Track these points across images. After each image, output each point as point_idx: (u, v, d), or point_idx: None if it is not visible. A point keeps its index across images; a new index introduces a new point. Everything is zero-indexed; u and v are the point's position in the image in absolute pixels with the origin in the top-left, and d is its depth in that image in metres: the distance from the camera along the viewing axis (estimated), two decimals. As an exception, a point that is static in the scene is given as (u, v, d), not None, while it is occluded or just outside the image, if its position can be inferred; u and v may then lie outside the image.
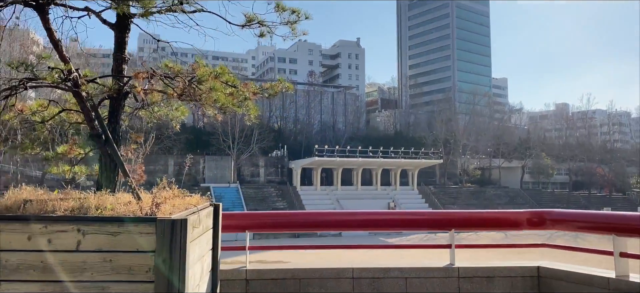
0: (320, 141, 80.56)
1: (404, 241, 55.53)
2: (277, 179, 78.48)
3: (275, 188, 73.72)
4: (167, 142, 69.28)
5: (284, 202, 71.00)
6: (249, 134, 73.02)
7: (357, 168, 77.60)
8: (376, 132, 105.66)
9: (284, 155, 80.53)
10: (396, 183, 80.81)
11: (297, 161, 76.83)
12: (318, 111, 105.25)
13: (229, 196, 68.54)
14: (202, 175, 74.32)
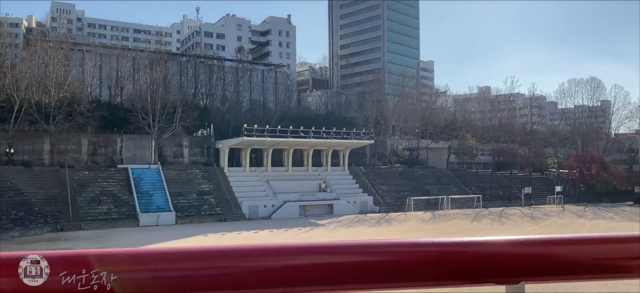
0: (249, 120, 77.18)
1: (335, 224, 54.26)
2: (203, 160, 74.26)
3: (200, 170, 69.67)
4: (79, 118, 63.08)
5: (211, 184, 67.24)
6: (171, 111, 68.09)
7: (288, 148, 75.11)
8: (307, 111, 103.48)
9: (211, 135, 76.38)
10: (327, 164, 79.22)
11: (225, 141, 73.08)
12: (247, 89, 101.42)
13: (149, 178, 63.76)
14: (119, 156, 68.71)
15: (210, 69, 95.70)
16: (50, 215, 52.90)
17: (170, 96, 74.99)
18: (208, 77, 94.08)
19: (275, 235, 46.20)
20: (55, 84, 64.32)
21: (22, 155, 61.69)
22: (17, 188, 53.64)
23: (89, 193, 58.80)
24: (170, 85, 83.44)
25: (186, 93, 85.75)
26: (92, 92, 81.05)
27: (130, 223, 55.94)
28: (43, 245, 40.97)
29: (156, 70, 74.79)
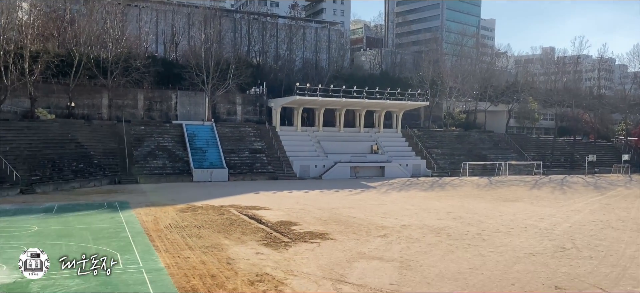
0: (302, 79, 76.12)
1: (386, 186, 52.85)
2: (255, 118, 74.33)
3: (253, 128, 69.74)
4: (135, 74, 64.13)
5: (263, 142, 67.24)
6: (224, 68, 68.04)
7: (340, 108, 73.78)
8: (361, 71, 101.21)
9: (263, 93, 76.10)
10: (380, 126, 77.47)
11: (277, 99, 72.60)
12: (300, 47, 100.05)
13: (203, 135, 64.41)
14: (174, 112, 69.72)
15: (263, 26, 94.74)
16: (108, 167, 54.46)
17: (224, 53, 74.88)
18: (261, 34, 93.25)
19: (326, 195, 45.52)
20: (113, 39, 65.40)
21: (82, 109, 63.59)
22: (78, 141, 55.39)
23: (145, 148, 60.09)
24: (224, 42, 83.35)
25: (240, 50, 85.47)
26: (147, 48, 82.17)
27: (184, 178, 56.87)
28: (101, 196, 42.11)
29: (210, 27, 74.62)
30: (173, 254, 22.14)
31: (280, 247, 23.93)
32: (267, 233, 27.37)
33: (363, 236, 26.99)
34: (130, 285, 17.51)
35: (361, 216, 33.73)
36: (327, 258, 22.02)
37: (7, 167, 44.10)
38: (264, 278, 18.76)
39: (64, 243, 23.94)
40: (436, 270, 20.29)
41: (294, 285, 17.99)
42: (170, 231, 27.43)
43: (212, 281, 18.24)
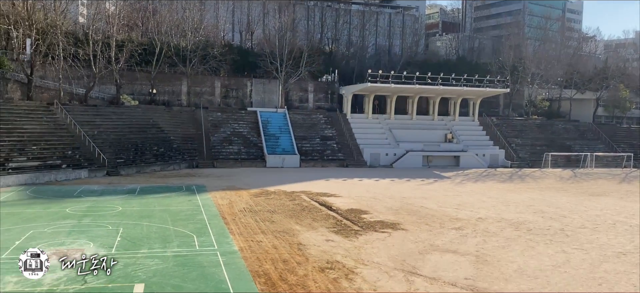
0: (374, 66, 75.21)
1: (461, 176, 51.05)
2: (327, 105, 74.46)
3: (324, 115, 69.90)
4: (212, 62, 66.23)
5: (333, 129, 67.25)
6: (297, 56, 68.64)
7: (413, 96, 72.18)
8: (436, 57, 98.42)
9: (335, 81, 76.01)
10: (455, 114, 75.02)
11: (349, 87, 72.23)
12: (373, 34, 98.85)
13: (276, 121, 65.42)
14: (249, 99, 71.34)
15: (337, 13, 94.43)
16: (187, 152, 56.69)
17: (298, 41, 75.50)
18: (334, 21, 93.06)
19: (397, 184, 44.74)
20: (192, 28, 67.76)
21: (163, 95, 66.55)
22: (159, 126, 58.06)
23: (221, 134, 61.98)
24: (298, 29, 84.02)
25: (312, 38, 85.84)
26: (224, 37, 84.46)
27: (258, 164, 58.12)
28: (180, 180, 43.88)
29: (284, 15, 75.42)
30: (246, 238, 22.54)
31: (351, 235, 23.71)
32: (337, 220, 27.24)
33: (436, 228, 26.18)
34: (205, 267, 17.98)
35: (434, 207, 32.79)
36: (399, 248, 21.52)
37: (95, 150, 47.05)
38: (334, 265, 18.62)
39: (145, 224, 25.08)
40: (515, 266, 19.23)
41: (365, 274, 17.69)
42: (244, 215, 28.01)
43: (284, 266, 18.34)
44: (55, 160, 43.22)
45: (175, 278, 16.62)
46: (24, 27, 53.19)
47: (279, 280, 16.74)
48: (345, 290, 16.11)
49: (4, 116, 44.94)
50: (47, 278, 16.24)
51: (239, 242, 21.80)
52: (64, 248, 19.99)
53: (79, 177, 43.01)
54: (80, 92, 57.80)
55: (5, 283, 15.82)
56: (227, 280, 16.63)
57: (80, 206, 29.66)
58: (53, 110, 49.97)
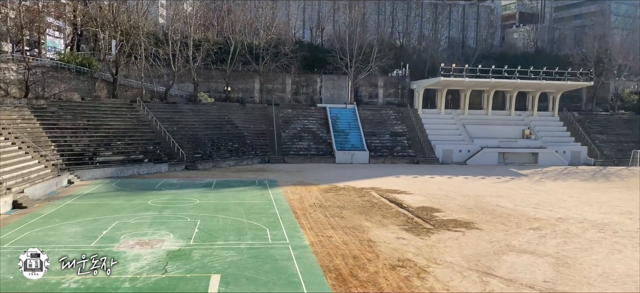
0: (447, 59, 73.37)
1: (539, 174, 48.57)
2: (397, 101, 73.57)
3: (394, 111, 69.11)
4: (283, 59, 67.41)
5: (404, 125, 66.35)
6: (367, 51, 68.33)
7: (489, 90, 69.68)
8: (512, 49, 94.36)
9: (406, 75, 74.90)
10: (533, 108, 71.61)
11: (420, 81, 70.93)
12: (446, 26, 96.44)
13: (345, 117, 65.52)
14: (318, 95, 71.92)
15: (408, 6, 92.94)
16: (259, 147, 58.14)
17: (368, 36, 75.11)
18: (406, 15, 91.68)
19: (471, 182, 43.43)
20: (264, 26, 69.28)
21: (237, 92, 68.58)
22: (233, 122, 59.93)
23: (291, 130, 62.99)
24: (368, 24, 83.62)
25: (383, 32, 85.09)
26: (295, 34, 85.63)
27: (327, 159, 58.52)
28: (253, 174, 45.07)
29: (354, 10, 75.26)
30: (317, 233, 22.77)
31: (422, 233, 23.31)
32: (408, 218, 26.89)
33: (512, 227, 25.16)
34: (277, 260, 18.36)
35: (510, 206, 31.53)
36: (473, 248, 20.90)
37: (175, 145, 49.34)
38: (405, 263, 18.40)
39: (221, 217, 25.99)
40: (599, 270, 18.10)
41: (438, 273, 17.34)
42: (314, 210, 28.32)
43: (354, 262, 18.36)
44: (138, 154, 45.79)
45: (249, 270, 17.11)
46: (109, 29, 56.67)
47: (349, 276, 16.77)
48: (417, 289, 15.87)
49: (92, 113, 48.21)
50: (131, 267, 17.26)
51: (310, 236, 22.07)
52: (147, 238, 21.14)
53: (159, 170, 45.32)
54: (160, 90, 60.81)
55: (94, 269, 16.95)
56: (299, 273, 16.89)
57: (161, 198, 31.22)
58: (136, 108, 52.94)
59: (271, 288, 15.51)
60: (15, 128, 39.14)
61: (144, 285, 15.51)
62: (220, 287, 15.49)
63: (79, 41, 65.47)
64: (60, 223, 23.86)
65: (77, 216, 25.64)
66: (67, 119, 45.68)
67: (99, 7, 58.42)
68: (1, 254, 18.75)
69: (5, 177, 29.90)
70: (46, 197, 31.42)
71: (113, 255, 18.54)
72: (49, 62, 53.71)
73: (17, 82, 47.93)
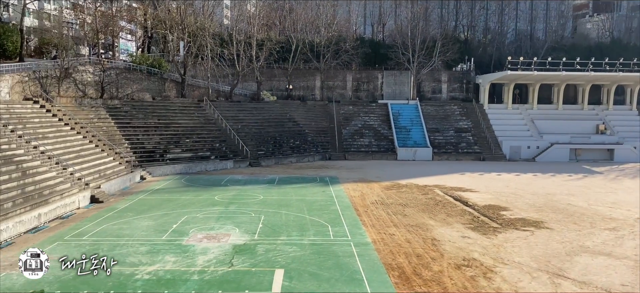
0: (514, 53, 70.67)
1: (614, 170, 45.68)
2: (461, 96, 71.68)
3: (458, 106, 67.39)
4: (344, 56, 67.45)
5: (469, 121, 64.57)
6: (430, 45, 67.02)
7: (559, 83, 66.44)
8: (585, 40, 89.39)
9: (470, 70, 72.83)
10: (608, 102, 67.58)
11: (486, 76, 68.73)
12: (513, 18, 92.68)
13: (407, 114, 64.62)
14: (380, 91, 71.36)
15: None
16: (320, 144, 58.52)
17: (431, 30, 73.67)
18: (470, 7, 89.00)
19: (540, 179, 41.63)
20: (325, 23, 69.58)
21: (298, 90, 69.34)
22: (295, 120, 60.68)
23: (352, 127, 62.92)
24: (431, 18, 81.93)
25: (446, 26, 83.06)
26: (356, 30, 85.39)
27: (389, 156, 57.99)
28: (314, 171, 45.45)
29: (417, 4, 74.05)
30: (379, 230, 22.66)
31: (489, 232, 22.63)
32: (474, 216, 26.18)
33: (586, 227, 23.90)
34: (340, 257, 18.44)
35: (583, 205, 29.95)
36: (543, 248, 20.05)
37: (239, 142, 50.64)
38: (471, 263, 17.95)
39: (283, 212, 26.42)
40: (685, 276, 16.86)
41: (505, 274, 16.79)
42: (376, 207, 28.18)
43: (418, 261, 18.12)
44: (205, 151, 47.38)
45: (312, 266, 17.29)
46: (178, 30, 58.91)
47: (413, 275, 16.58)
48: (483, 289, 15.45)
49: (162, 112, 50.38)
50: (199, 260, 17.91)
51: (372, 234, 21.99)
52: (214, 233, 21.85)
53: (225, 167, 46.69)
54: (225, 90, 62.54)
55: (164, 262, 17.74)
56: (361, 271, 16.88)
57: (227, 194, 32.16)
58: (203, 107, 54.78)
59: (334, 284, 15.61)
60: (92, 127, 41.58)
61: (211, 278, 16.05)
62: (284, 281, 15.76)
63: (149, 43, 68.56)
64: (133, 217, 25.13)
65: (149, 210, 26.90)
66: (139, 118, 48.00)
67: (167, 9, 60.89)
68: (81, 246, 20.00)
69: (84, 173, 31.85)
70: (120, 192, 33.18)
71: (183, 249, 19.34)
72: (122, 64, 56.60)
73: (94, 83, 50.85)
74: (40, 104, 39.21)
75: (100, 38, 57.35)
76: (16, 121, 33.24)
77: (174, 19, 59.25)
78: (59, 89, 45.76)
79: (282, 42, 67.09)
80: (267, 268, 17.11)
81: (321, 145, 58.45)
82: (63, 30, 58.07)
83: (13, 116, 33.81)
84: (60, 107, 40.87)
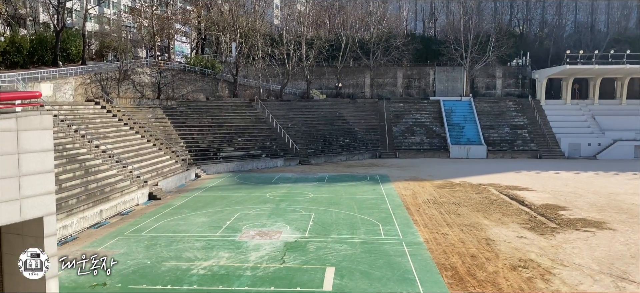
0: (572, 46, 67.59)
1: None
2: (517, 92, 69.36)
3: (514, 102, 65.28)
4: (395, 53, 66.79)
5: (525, 117, 62.47)
6: (484, 40, 65.25)
7: (623, 78, 63.14)
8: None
9: (526, 64, 70.37)
10: (678, 96, 63.61)
11: (542, 70, 66.24)
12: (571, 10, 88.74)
13: (460, 110, 63.22)
14: (431, 88, 70.14)
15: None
16: (370, 143, 58.23)
17: (484, 24, 71.74)
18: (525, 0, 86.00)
19: (602, 178, 39.74)
20: (375, 20, 69.13)
21: (348, 88, 69.24)
22: (344, 118, 60.65)
23: (403, 124, 62.21)
24: (484, 12, 79.73)
25: (501, 20, 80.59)
26: (407, 26, 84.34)
27: (441, 154, 56.97)
28: (364, 169, 45.27)
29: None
30: (431, 230, 22.31)
31: (546, 233, 21.82)
32: (530, 216, 25.31)
33: (654, 229, 22.62)
34: (391, 256, 18.29)
35: (651, 205, 28.36)
36: (605, 250, 19.14)
37: (289, 141, 51.17)
38: (528, 264, 17.37)
39: (334, 210, 26.48)
40: None
41: (564, 276, 16.14)
42: (428, 206, 27.76)
43: (472, 261, 17.71)
44: (256, 150, 48.19)
45: (363, 265, 17.24)
46: (230, 32, 60.14)
47: (467, 275, 16.22)
48: (541, 291, 14.92)
49: (215, 112, 51.64)
50: (252, 256, 18.24)
51: (424, 233, 21.68)
52: (266, 230, 22.19)
53: (275, 165, 47.30)
54: (275, 89, 63.33)
55: (219, 257, 18.17)
56: (413, 270, 16.68)
57: (278, 192, 32.57)
58: (254, 106, 55.71)
59: (385, 283, 15.50)
60: (150, 126, 43.14)
61: (264, 275, 16.30)
62: (335, 279, 15.79)
63: (203, 45, 70.38)
64: (189, 214, 25.89)
65: (204, 207, 27.64)
66: (194, 118, 49.38)
67: (220, 11, 62.27)
68: (140, 241, 20.80)
69: (142, 171, 33.10)
70: (177, 189, 34.27)
71: (236, 245, 19.75)
72: (178, 65, 58.39)
73: (151, 84, 52.70)
74: (101, 105, 41.06)
75: (156, 41, 59.38)
76: (79, 121, 34.95)
77: (226, 21, 60.53)
78: (118, 91, 47.73)
79: (331, 41, 67.22)
80: (318, 265, 17.20)
81: (371, 143, 58.15)
82: (122, 33, 60.56)
83: (77, 117, 35.58)
84: (119, 108, 42.65)
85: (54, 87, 40.65)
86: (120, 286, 15.40)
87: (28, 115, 8.27)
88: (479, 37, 65.22)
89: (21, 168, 7.96)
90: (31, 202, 8.10)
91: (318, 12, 73.89)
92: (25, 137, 8.03)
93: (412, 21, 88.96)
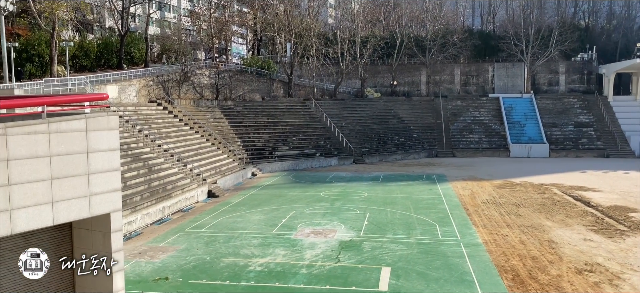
0: (644, 38, 63.76)
1: None
2: (582, 88, 66.10)
3: (578, 99, 62.30)
4: (452, 49, 65.38)
5: (590, 114, 59.50)
6: (546, 35, 62.64)
7: (700, 71, 58.93)
8: None
9: (592, 59, 66.97)
10: None
11: (610, 65, 62.84)
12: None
13: (521, 108, 61.03)
14: (490, 85, 68.12)
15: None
16: (426, 141, 57.28)
17: (546, 18, 68.94)
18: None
19: (677, 179, 37.23)
20: (431, 17, 67.94)
21: (403, 86, 68.42)
22: (399, 116, 59.98)
23: (460, 122, 60.78)
24: (546, 6, 76.57)
25: (564, 13, 77.15)
26: (464, 22, 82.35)
27: (500, 153, 55.23)
28: (420, 168, 44.58)
29: (530, -8, 69.63)
30: (490, 231, 21.69)
31: (615, 236, 20.70)
32: (597, 218, 24.09)
33: None
34: (449, 257, 17.93)
35: None
36: (682, 256, 17.93)
37: (343, 140, 51.18)
38: (594, 268, 16.54)
39: (389, 210, 26.25)
40: None
41: (634, 282, 15.26)
42: (487, 206, 27.00)
43: (533, 264, 17.07)
44: (310, 149, 48.54)
45: (420, 266, 16.99)
46: (285, 32, 60.87)
47: (528, 278, 15.65)
48: (609, 297, 14.18)
49: (271, 112, 52.44)
50: (307, 255, 18.38)
51: (483, 234, 21.11)
52: (321, 228, 22.31)
53: (329, 164, 47.45)
54: (329, 88, 63.51)
55: (275, 255, 18.44)
56: (472, 272, 16.28)
57: (332, 191, 32.66)
58: (308, 105, 56.12)
59: (443, 285, 15.21)
60: (209, 126, 44.38)
61: (319, 273, 16.39)
62: (391, 279, 15.66)
63: (258, 46, 71.64)
64: (246, 211, 26.43)
65: (260, 205, 28.14)
66: (250, 118, 50.36)
67: (275, 12, 63.16)
68: (200, 237, 21.43)
69: (202, 170, 34.10)
70: (234, 187, 35.07)
71: (291, 243, 19.97)
72: (235, 66, 59.68)
73: (209, 85, 54.20)
74: (162, 106, 42.64)
75: (214, 43, 60.99)
76: (143, 122, 36.45)
77: (281, 22, 61.30)
78: (179, 92, 49.40)
79: (386, 38, 66.63)
80: (374, 265, 17.10)
81: (427, 142, 57.19)
82: (182, 36, 62.63)
83: (140, 117, 37.12)
84: (180, 108, 44.14)
85: (119, 89, 42.58)
86: (182, 281, 15.93)
87: (96, 116, 8.71)
88: (540, 31, 62.76)
89: (90, 166, 8.38)
90: (99, 198, 8.52)
91: (372, 10, 73.42)
92: (93, 137, 8.45)
93: (470, 17, 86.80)
